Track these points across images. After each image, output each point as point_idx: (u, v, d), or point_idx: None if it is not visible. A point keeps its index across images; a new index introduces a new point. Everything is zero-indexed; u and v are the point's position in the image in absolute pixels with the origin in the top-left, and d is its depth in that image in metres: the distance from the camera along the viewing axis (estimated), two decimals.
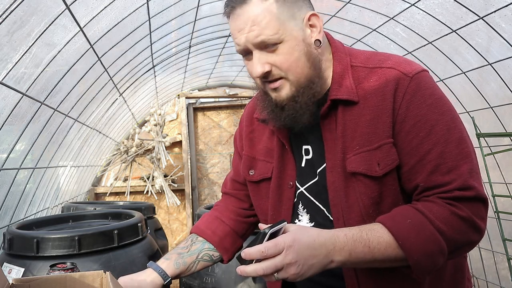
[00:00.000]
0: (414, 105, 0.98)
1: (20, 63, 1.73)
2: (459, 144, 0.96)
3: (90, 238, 1.71)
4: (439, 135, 0.96)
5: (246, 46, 0.99)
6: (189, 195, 4.86)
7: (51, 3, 1.68)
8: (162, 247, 2.59)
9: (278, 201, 1.14)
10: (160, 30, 2.77)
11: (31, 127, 2.17)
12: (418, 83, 0.99)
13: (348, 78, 1.04)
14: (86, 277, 0.95)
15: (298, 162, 1.12)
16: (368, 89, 1.02)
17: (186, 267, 1.19)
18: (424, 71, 1.02)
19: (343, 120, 1.03)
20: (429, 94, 0.99)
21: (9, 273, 1.65)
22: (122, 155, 4.70)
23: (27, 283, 0.92)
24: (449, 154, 0.95)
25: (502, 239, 2.29)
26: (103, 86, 2.89)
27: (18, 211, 2.45)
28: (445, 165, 0.95)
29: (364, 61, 1.06)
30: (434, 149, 0.96)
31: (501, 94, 2.49)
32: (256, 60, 0.99)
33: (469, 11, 2.20)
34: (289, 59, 0.98)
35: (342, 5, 2.68)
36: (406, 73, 1.00)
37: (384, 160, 0.98)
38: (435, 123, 0.97)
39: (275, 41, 0.96)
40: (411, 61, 1.05)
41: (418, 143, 0.97)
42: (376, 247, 0.90)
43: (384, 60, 1.04)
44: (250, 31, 0.97)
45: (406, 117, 0.98)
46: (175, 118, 4.98)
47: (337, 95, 1.03)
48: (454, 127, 0.97)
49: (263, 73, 0.99)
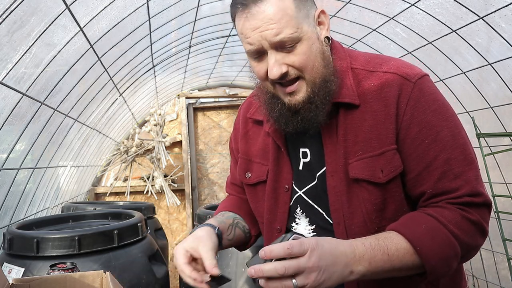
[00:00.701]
0: (418, 111, 0.97)
1: (20, 63, 1.73)
2: (464, 150, 0.96)
3: (90, 238, 1.71)
4: (445, 141, 0.96)
5: (261, 45, 0.94)
6: (189, 195, 4.86)
7: (51, 3, 1.68)
8: (162, 247, 2.59)
9: (274, 204, 1.13)
10: (160, 30, 2.77)
11: (31, 127, 2.17)
12: (421, 88, 0.98)
13: (348, 80, 1.02)
14: (86, 277, 0.95)
15: (295, 165, 1.10)
16: (369, 92, 1.00)
17: (226, 226, 1.14)
18: (425, 75, 1.01)
19: (344, 124, 1.01)
20: (433, 100, 0.98)
21: (9, 273, 1.65)
22: (122, 155, 4.70)
23: (27, 283, 0.92)
24: (455, 161, 0.95)
25: (502, 239, 2.29)
26: (103, 86, 2.89)
27: (18, 211, 2.44)
28: (452, 171, 0.95)
29: (364, 64, 1.04)
30: (440, 156, 0.96)
31: (501, 94, 2.49)
32: (273, 61, 0.95)
33: (469, 11, 2.20)
34: (307, 59, 0.96)
35: (342, 5, 2.68)
36: (408, 78, 0.99)
37: (388, 167, 0.97)
38: (440, 129, 0.97)
39: (294, 40, 0.93)
40: (411, 65, 1.04)
41: (424, 150, 0.97)
42: (395, 254, 0.89)
43: (384, 63, 1.03)
44: (267, 29, 0.92)
45: (411, 123, 0.97)
46: (175, 118, 4.97)
47: (338, 98, 1.01)
48: (458, 133, 0.98)
49: (281, 75, 0.95)
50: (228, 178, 1.37)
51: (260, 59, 0.98)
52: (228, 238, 1.14)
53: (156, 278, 1.90)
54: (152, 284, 1.85)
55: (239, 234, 1.19)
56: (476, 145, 2.32)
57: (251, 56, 0.99)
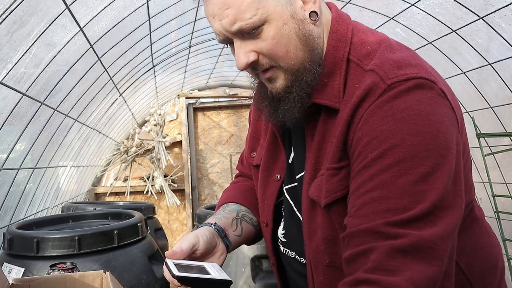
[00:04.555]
0: (375, 118, 0.72)
1: (20, 63, 1.73)
2: (421, 182, 0.68)
3: (90, 238, 1.71)
4: (395, 160, 0.69)
5: (224, 35, 0.80)
6: (189, 195, 4.86)
7: (51, 3, 1.68)
8: (162, 247, 2.59)
9: (263, 194, 1.01)
10: (160, 30, 2.77)
11: (31, 127, 2.17)
12: (395, 95, 0.72)
13: (338, 77, 0.82)
14: (86, 277, 0.95)
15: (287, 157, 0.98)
16: (348, 96, 0.80)
17: (229, 222, 1.00)
18: (419, 79, 0.73)
19: (322, 130, 0.84)
20: (405, 107, 0.71)
21: (9, 273, 1.65)
22: (122, 155, 4.70)
23: (27, 283, 0.92)
24: (396, 190, 0.68)
25: (502, 239, 2.28)
26: (103, 86, 2.89)
27: (18, 211, 2.44)
28: (383, 201, 0.68)
29: (362, 58, 0.81)
30: (377, 177, 0.70)
31: (501, 94, 2.49)
32: (238, 51, 0.80)
33: (469, 11, 2.20)
34: (277, 44, 0.78)
35: (342, 5, 2.68)
36: (384, 78, 0.74)
37: (325, 189, 0.80)
38: (398, 143, 0.69)
39: (254, 24, 0.77)
40: (410, 63, 0.77)
41: (364, 166, 0.72)
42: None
43: (377, 56, 0.80)
44: (224, 17, 0.77)
45: (364, 133, 0.73)
46: (175, 118, 4.97)
47: (317, 98, 0.82)
48: (425, 157, 0.68)
49: (248, 64, 0.80)
50: (242, 155, 1.20)
51: (233, 47, 0.83)
52: (236, 234, 1.00)
53: (156, 278, 1.90)
54: (152, 284, 1.85)
55: (248, 228, 1.04)
56: (476, 145, 2.32)
57: (223, 44, 0.85)
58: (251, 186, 1.12)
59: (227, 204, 1.08)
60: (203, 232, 0.92)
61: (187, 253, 0.86)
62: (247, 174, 1.17)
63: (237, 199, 1.09)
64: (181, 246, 0.86)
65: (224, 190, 1.16)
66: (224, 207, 1.07)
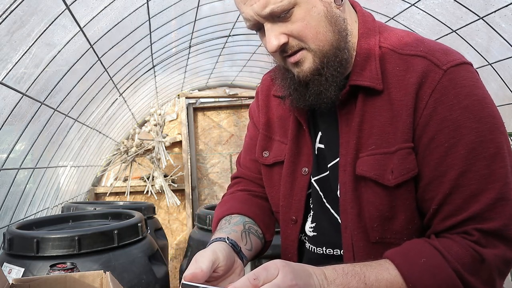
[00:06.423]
0: (443, 106, 0.80)
1: (20, 63, 1.73)
2: (492, 163, 0.78)
3: (90, 238, 1.71)
4: (468, 149, 0.78)
5: (255, 20, 0.84)
6: (189, 195, 4.86)
7: (51, 3, 1.68)
8: (162, 247, 2.59)
9: (290, 190, 0.98)
10: (160, 30, 2.77)
11: (31, 127, 2.17)
12: (452, 78, 0.80)
13: (373, 61, 0.87)
14: (86, 277, 0.95)
15: (313, 148, 0.97)
16: (394, 79, 0.85)
17: (238, 235, 0.95)
18: (465, 63, 0.83)
19: (361, 111, 0.87)
20: (466, 94, 0.79)
21: (9, 273, 1.65)
22: (122, 155, 4.70)
23: (27, 283, 0.92)
24: (474, 175, 0.78)
25: None
26: (103, 86, 2.89)
27: (18, 211, 2.44)
28: (466, 188, 0.78)
29: (395, 44, 0.88)
30: (456, 166, 0.79)
31: (501, 94, 2.48)
32: (269, 33, 0.83)
33: (469, 11, 2.20)
34: (307, 26, 0.82)
35: None
36: (439, 64, 0.81)
37: (399, 168, 0.82)
38: (467, 132, 0.78)
39: (286, 7, 0.80)
40: (451, 49, 0.85)
41: (441, 155, 0.80)
42: (374, 284, 0.75)
43: (417, 44, 0.86)
44: (256, 1, 0.81)
45: (432, 120, 0.80)
46: (175, 118, 4.97)
47: (358, 80, 0.87)
48: (490, 140, 0.78)
49: (279, 47, 0.83)
50: (239, 157, 1.19)
51: (262, 32, 0.86)
52: (247, 248, 0.95)
53: (156, 278, 1.90)
54: (152, 284, 1.85)
55: (256, 242, 1.00)
56: None
57: (253, 30, 0.89)
58: (253, 195, 1.10)
59: (231, 216, 1.03)
60: (220, 246, 0.84)
61: (208, 274, 0.76)
62: (250, 176, 1.13)
63: (240, 209, 1.04)
64: (201, 266, 0.76)
65: (222, 201, 1.12)
66: (227, 219, 1.02)
